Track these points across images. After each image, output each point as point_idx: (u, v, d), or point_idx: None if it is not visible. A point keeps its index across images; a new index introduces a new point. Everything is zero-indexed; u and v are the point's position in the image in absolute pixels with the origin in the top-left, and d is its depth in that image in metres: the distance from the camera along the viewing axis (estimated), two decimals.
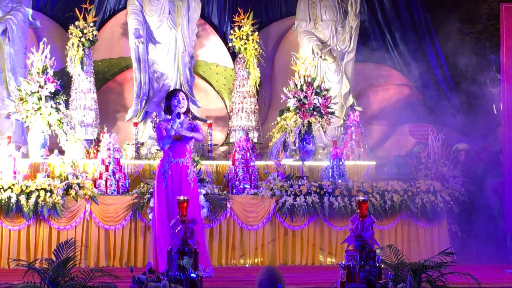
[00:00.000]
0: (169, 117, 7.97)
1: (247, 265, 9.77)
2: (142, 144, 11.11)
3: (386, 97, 13.33)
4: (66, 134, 10.40)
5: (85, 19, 11.44)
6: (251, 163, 10.38)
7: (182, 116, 7.88)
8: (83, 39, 11.31)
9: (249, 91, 11.93)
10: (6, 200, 9.23)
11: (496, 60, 12.05)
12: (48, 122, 10.31)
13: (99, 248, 9.56)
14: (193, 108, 11.58)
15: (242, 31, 11.96)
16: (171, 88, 11.06)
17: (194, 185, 7.99)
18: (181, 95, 8.00)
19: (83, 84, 11.39)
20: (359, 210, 5.90)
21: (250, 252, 9.86)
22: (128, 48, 11.84)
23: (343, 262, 5.76)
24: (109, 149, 10.02)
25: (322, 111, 10.99)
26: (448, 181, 10.88)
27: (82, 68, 11.31)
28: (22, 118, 10.37)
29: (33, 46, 10.99)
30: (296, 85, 11.17)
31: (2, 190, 9.31)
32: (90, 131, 11.32)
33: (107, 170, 9.92)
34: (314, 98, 10.97)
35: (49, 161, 10.07)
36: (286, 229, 9.96)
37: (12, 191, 9.28)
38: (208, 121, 11.26)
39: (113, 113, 12.20)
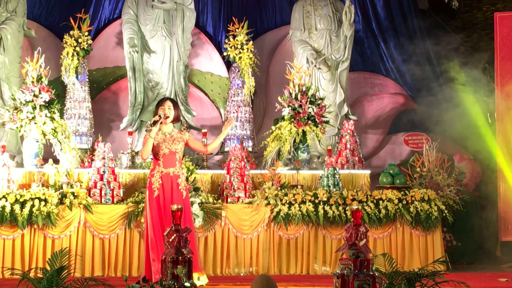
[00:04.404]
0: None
1: (241, 274, 9.74)
2: (137, 153, 11.09)
3: (381, 106, 13.36)
4: (60, 143, 10.39)
5: (79, 28, 11.44)
6: (246, 172, 10.36)
7: (169, 125, 7.82)
8: (77, 48, 11.30)
9: (243, 100, 11.93)
10: (1, 209, 9.19)
11: (490, 69, 12.11)
12: (42, 131, 10.29)
13: (94, 257, 9.52)
14: (187, 117, 11.60)
15: (236, 40, 11.96)
16: None
17: (186, 194, 7.88)
18: (167, 104, 7.82)
19: (77, 93, 11.39)
20: (353, 219, 5.91)
21: (244, 261, 9.83)
22: (122, 57, 11.86)
23: (337, 271, 5.76)
24: (103, 158, 10.00)
25: (316, 120, 10.99)
26: (442, 189, 10.91)
27: (76, 77, 11.31)
28: (17, 127, 10.35)
29: (27, 55, 10.97)
30: (290, 94, 11.18)
31: None
32: (85, 140, 11.33)
33: (101, 179, 9.89)
34: (308, 107, 10.98)
35: (44, 170, 10.05)
36: (281, 237, 9.95)
37: (6, 200, 9.24)
38: (203, 130, 11.24)
39: (107, 122, 12.21)
